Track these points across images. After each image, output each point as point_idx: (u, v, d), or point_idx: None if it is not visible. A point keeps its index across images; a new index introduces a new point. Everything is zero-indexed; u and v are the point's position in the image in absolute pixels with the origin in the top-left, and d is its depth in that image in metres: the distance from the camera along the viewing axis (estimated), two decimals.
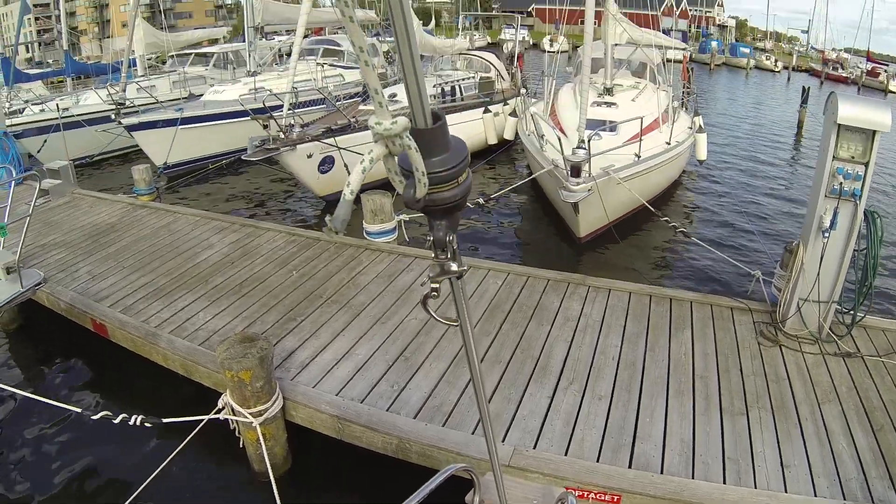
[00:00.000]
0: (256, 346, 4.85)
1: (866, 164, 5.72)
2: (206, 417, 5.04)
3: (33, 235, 8.69)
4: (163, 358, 6.09)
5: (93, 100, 17.57)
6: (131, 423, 4.87)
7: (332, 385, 5.40)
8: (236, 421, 5.07)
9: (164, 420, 4.96)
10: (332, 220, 1.15)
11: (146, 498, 4.87)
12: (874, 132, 5.61)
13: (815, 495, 4.32)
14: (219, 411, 5.07)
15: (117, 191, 12.77)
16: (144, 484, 4.79)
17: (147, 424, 4.91)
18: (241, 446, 5.30)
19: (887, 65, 55.81)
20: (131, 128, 14.53)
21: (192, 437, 4.98)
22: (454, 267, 1.37)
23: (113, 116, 14.65)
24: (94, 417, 4.96)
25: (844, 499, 4.29)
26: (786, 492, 4.34)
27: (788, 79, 55.01)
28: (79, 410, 5.09)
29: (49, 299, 7.19)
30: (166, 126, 14.82)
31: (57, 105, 15.94)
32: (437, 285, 1.38)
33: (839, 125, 5.64)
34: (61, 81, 24.99)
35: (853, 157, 5.74)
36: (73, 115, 16.17)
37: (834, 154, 5.75)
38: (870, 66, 54.29)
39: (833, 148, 5.73)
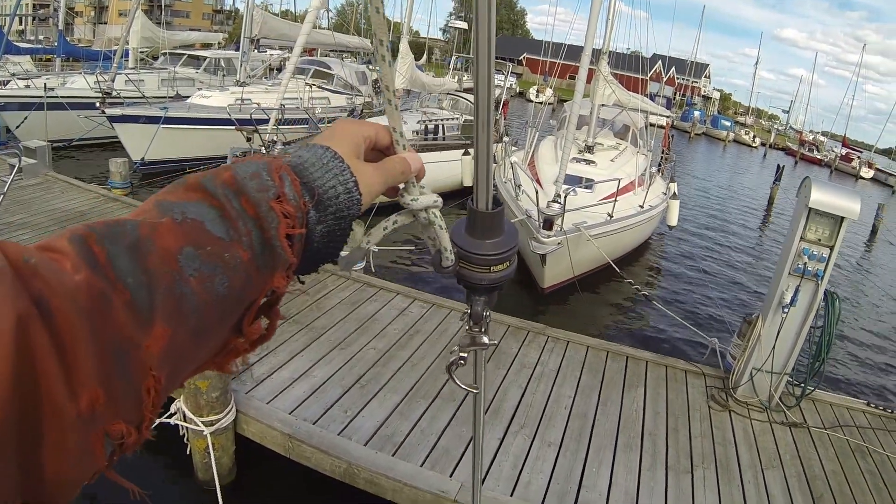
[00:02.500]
0: None
1: (832, 248, 5.96)
2: (156, 421, 4.99)
3: None
4: None
5: (80, 84, 17.41)
6: None
7: (287, 404, 5.40)
8: (187, 428, 5.05)
9: None
10: (342, 259, 1.15)
11: (84, 497, 4.82)
12: (843, 218, 5.84)
13: None
14: (170, 416, 5.04)
15: (91, 180, 12.66)
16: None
17: None
18: (187, 453, 5.26)
19: (861, 152, 57.56)
20: (113, 118, 14.40)
21: None
22: (485, 340, 1.42)
23: (97, 104, 14.52)
24: None
25: None
26: None
27: (765, 155, 56.43)
28: None
29: None
30: (149, 122, 14.73)
31: (45, 84, 15.80)
32: (466, 355, 1.43)
33: (810, 208, 5.87)
34: (49, 60, 24.75)
35: (820, 240, 5.98)
36: (58, 97, 16.03)
37: (802, 235, 5.99)
38: (844, 151, 56.01)
39: (802, 229, 5.97)
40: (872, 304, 15.22)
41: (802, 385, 6.40)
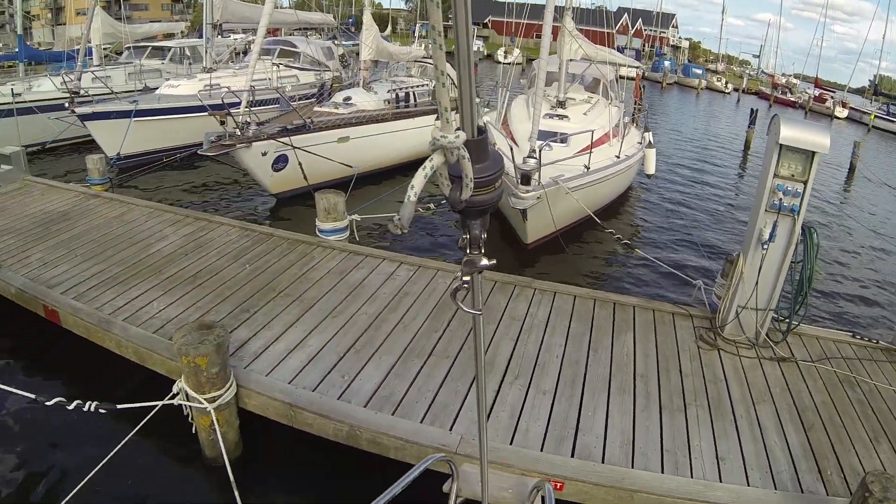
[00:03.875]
0: (213, 333, 4.95)
1: (805, 183, 6.07)
2: (160, 403, 5.09)
3: None
4: (116, 345, 6.09)
5: (47, 86, 17.22)
6: (86, 409, 4.86)
7: (285, 374, 5.51)
8: (190, 407, 5.14)
9: (119, 406, 4.98)
10: (398, 219, 1.33)
11: (99, 482, 4.91)
12: (814, 153, 5.96)
13: (748, 485, 4.61)
14: (173, 397, 5.12)
15: (69, 179, 12.61)
16: (97, 468, 4.80)
17: (101, 410, 4.92)
18: (193, 432, 5.34)
19: (834, 92, 57.66)
20: (84, 117, 14.31)
21: (144, 422, 5.01)
22: (485, 262, 1.57)
23: (66, 104, 14.42)
24: (49, 403, 4.88)
25: (775, 489, 4.58)
26: (720, 482, 4.62)
27: (738, 100, 56.44)
28: (32, 396, 5.03)
29: None
30: (120, 117, 14.66)
31: (12, 90, 15.63)
32: (469, 278, 1.58)
33: (781, 145, 5.97)
34: (11, 66, 24.39)
35: (793, 176, 6.09)
36: (26, 101, 15.87)
37: (775, 172, 6.10)
38: (817, 92, 56.10)
39: (774, 166, 6.08)
40: (855, 241, 15.40)
41: (788, 320, 6.56)
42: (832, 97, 54.43)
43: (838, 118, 50.38)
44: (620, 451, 4.86)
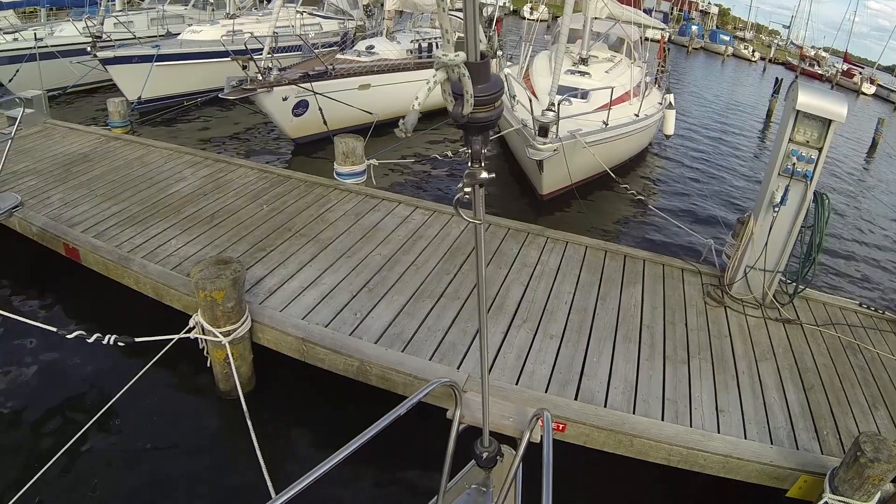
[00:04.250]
0: (230, 269, 5.06)
1: (820, 150, 6.08)
2: (177, 336, 5.24)
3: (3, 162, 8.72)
4: (134, 281, 6.24)
5: (69, 31, 17.22)
6: (105, 342, 5.02)
7: (298, 310, 5.65)
8: (206, 340, 5.28)
9: (137, 339, 5.12)
10: (403, 124, 1.53)
11: (118, 412, 5.10)
12: (830, 121, 5.96)
13: (745, 438, 4.73)
14: (189, 330, 5.26)
15: (90, 123, 12.68)
16: (115, 398, 4.95)
17: (120, 343, 5.05)
18: (208, 366, 5.51)
19: (863, 68, 56.60)
20: (106, 61, 14.35)
21: (161, 354, 5.14)
22: (484, 175, 1.75)
23: (89, 49, 14.46)
24: (69, 336, 5.05)
25: (772, 444, 4.69)
26: (718, 433, 4.74)
27: (764, 69, 55.54)
28: (54, 329, 5.17)
29: (21, 224, 7.22)
30: (142, 62, 14.69)
31: (34, 34, 15.68)
32: (470, 189, 1.76)
33: (798, 111, 5.99)
34: (33, 11, 24.41)
35: (808, 142, 6.11)
36: (48, 46, 15.93)
37: (791, 137, 6.12)
38: (846, 66, 55.04)
39: (790, 131, 6.10)
40: (872, 214, 15.34)
41: (795, 283, 6.61)
42: (860, 73, 53.44)
43: (865, 94, 49.57)
44: (623, 397, 4.98)
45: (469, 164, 1.74)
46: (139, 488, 4.80)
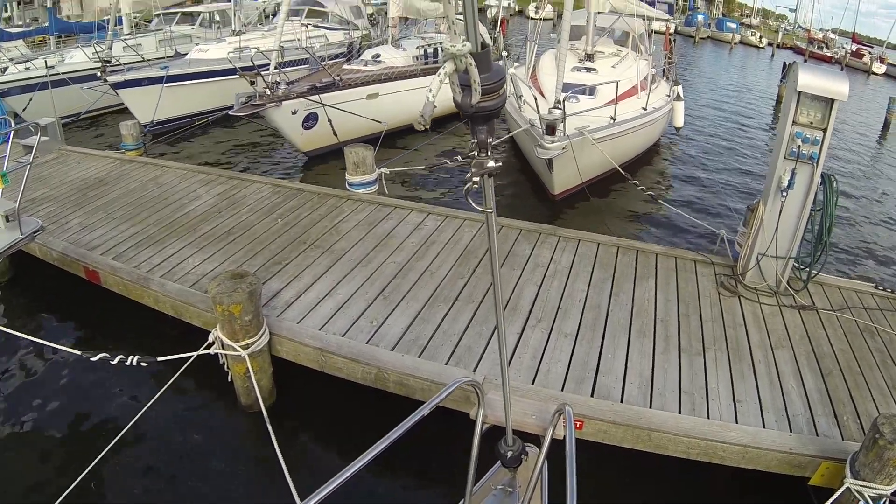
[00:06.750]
0: (246, 282, 5.14)
1: (824, 130, 6.07)
2: (196, 353, 5.31)
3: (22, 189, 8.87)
4: (154, 300, 6.35)
5: (79, 58, 17.46)
6: (128, 363, 5.11)
7: (315, 321, 5.74)
8: (226, 355, 5.37)
9: (159, 359, 5.22)
10: (421, 116, 1.60)
11: (141, 430, 5.18)
12: (832, 101, 5.95)
13: (764, 427, 4.72)
14: (209, 346, 5.34)
15: (104, 147, 12.86)
16: (137, 416, 5.03)
17: (143, 364, 5.16)
18: (228, 380, 5.60)
19: (872, 47, 55.94)
20: (117, 85, 14.56)
21: (182, 371, 5.23)
22: (491, 164, 1.84)
23: (99, 74, 14.65)
24: (93, 359, 5.16)
25: (791, 432, 4.68)
26: (736, 423, 4.74)
27: (772, 55, 55.06)
28: (79, 353, 5.30)
29: (41, 250, 7.35)
30: (152, 84, 14.88)
31: (45, 62, 15.89)
32: (478, 178, 1.84)
33: (799, 92, 5.98)
34: (43, 40, 24.72)
35: (812, 123, 6.10)
36: (59, 73, 16.14)
37: (794, 119, 6.12)
38: (854, 47, 54.40)
39: (793, 113, 6.10)
40: (887, 196, 15.21)
41: (808, 268, 6.61)
42: (870, 52, 52.84)
43: (876, 74, 48.94)
44: (639, 392, 5.01)
45: (476, 154, 1.82)
46: None
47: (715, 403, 4.94)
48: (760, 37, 62.92)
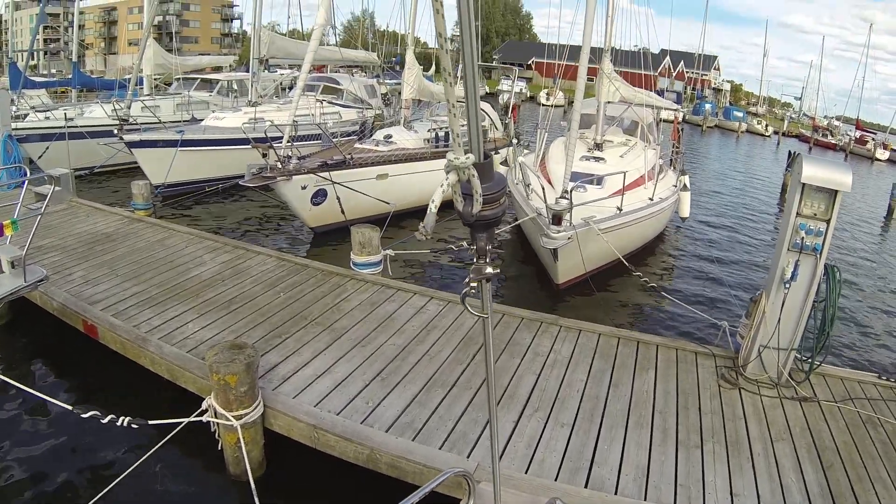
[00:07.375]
0: (244, 353, 5.15)
1: (828, 221, 6.13)
2: (189, 419, 5.28)
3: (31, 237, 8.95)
4: (150, 362, 6.33)
5: (98, 113, 17.86)
6: (119, 423, 5.08)
7: (311, 398, 5.70)
8: (218, 423, 5.32)
9: (150, 422, 5.18)
10: (423, 226, 1.65)
11: (124, 492, 5.10)
12: (836, 192, 6.02)
13: None
14: (202, 413, 5.31)
15: (114, 203, 12.98)
16: (121, 477, 5.00)
17: (134, 426, 5.12)
18: (219, 449, 5.53)
19: (875, 133, 56.84)
20: (132, 144, 14.83)
21: (172, 435, 5.20)
22: (489, 270, 1.87)
23: (115, 131, 14.95)
24: (84, 416, 5.15)
25: None
26: None
27: (778, 143, 56.01)
28: (70, 408, 5.30)
29: (42, 298, 7.40)
30: (166, 146, 15.15)
31: (65, 114, 16.23)
32: (476, 284, 1.87)
33: (803, 184, 6.06)
34: (64, 92, 25.29)
35: (816, 215, 6.17)
36: (77, 126, 16.45)
37: (798, 211, 6.18)
38: (858, 133, 55.33)
39: (797, 205, 6.17)
40: (890, 284, 15.23)
41: (810, 360, 6.57)
42: (873, 139, 53.74)
43: (879, 160, 49.73)
44: (634, 484, 4.92)
45: (475, 260, 1.84)
46: None
47: (712, 497, 4.85)
48: (766, 125, 64.17)
